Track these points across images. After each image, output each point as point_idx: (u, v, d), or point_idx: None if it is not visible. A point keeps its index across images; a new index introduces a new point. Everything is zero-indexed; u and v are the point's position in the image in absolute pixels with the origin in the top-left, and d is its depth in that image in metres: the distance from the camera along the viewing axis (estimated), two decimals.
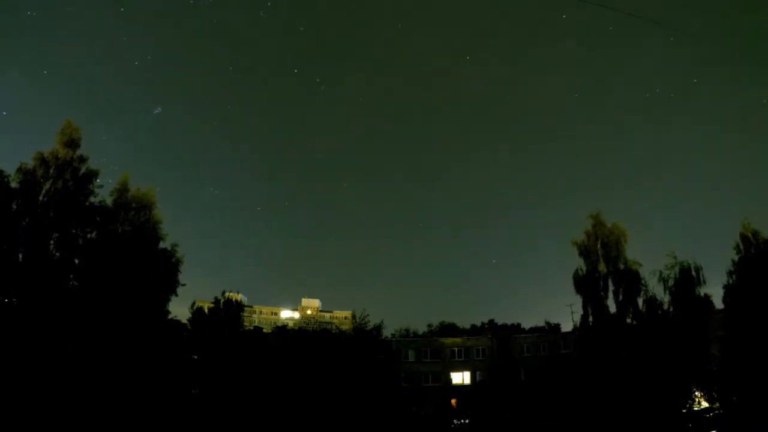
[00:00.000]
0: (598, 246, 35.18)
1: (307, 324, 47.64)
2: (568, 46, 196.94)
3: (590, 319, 34.12)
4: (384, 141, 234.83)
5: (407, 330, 70.96)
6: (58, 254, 24.51)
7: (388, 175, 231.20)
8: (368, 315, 39.45)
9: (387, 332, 47.21)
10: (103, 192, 27.24)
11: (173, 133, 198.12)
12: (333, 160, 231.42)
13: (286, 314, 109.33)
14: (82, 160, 26.56)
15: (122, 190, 28.28)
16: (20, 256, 23.56)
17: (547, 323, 55.70)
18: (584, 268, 35.32)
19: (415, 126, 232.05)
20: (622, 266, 34.19)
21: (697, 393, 31.87)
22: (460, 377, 49.40)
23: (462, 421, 42.25)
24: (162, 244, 28.72)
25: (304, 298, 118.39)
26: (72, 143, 26.45)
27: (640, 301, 32.99)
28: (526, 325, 67.76)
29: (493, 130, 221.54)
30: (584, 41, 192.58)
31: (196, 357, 31.90)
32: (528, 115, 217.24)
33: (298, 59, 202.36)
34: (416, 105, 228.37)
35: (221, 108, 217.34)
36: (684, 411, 31.05)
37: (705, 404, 31.89)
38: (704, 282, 32.10)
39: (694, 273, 32.06)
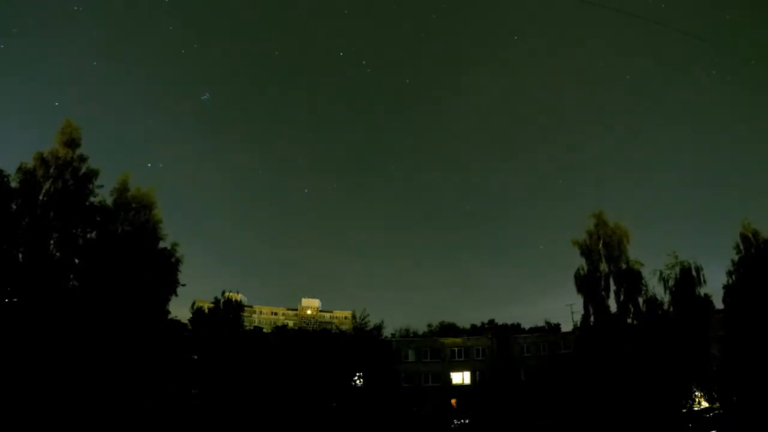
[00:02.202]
0: (600, 245, 35.01)
1: (307, 324, 47.71)
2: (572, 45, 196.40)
3: (591, 318, 34.10)
4: (385, 140, 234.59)
5: (407, 330, 70.90)
6: (58, 254, 24.43)
7: (388, 175, 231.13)
8: (368, 315, 39.72)
9: (387, 332, 47.41)
10: (103, 191, 27.24)
11: (188, 129, 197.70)
12: (333, 158, 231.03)
13: (286, 314, 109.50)
14: (82, 159, 26.48)
15: (122, 190, 28.19)
16: (20, 256, 23.51)
17: (547, 323, 56.00)
18: (585, 268, 35.24)
19: (418, 124, 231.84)
20: (623, 266, 34.08)
21: (697, 393, 31.94)
22: (460, 377, 49.35)
23: (462, 421, 42.16)
24: (162, 244, 28.72)
25: (304, 298, 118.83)
26: (72, 143, 26.38)
27: (640, 300, 32.98)
28: (526, 325, 67.63)
29: (494, 130, 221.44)
30: (588, 37, 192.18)
31: (196, 357, 31.92)
32: (528, 114, 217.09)
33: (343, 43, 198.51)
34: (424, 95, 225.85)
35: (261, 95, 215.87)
36: (684, 411, 31.07)
37: (705, 404, 31.93)
38: (704, 282, 32.19)
39: (694, 273, 32.12)
